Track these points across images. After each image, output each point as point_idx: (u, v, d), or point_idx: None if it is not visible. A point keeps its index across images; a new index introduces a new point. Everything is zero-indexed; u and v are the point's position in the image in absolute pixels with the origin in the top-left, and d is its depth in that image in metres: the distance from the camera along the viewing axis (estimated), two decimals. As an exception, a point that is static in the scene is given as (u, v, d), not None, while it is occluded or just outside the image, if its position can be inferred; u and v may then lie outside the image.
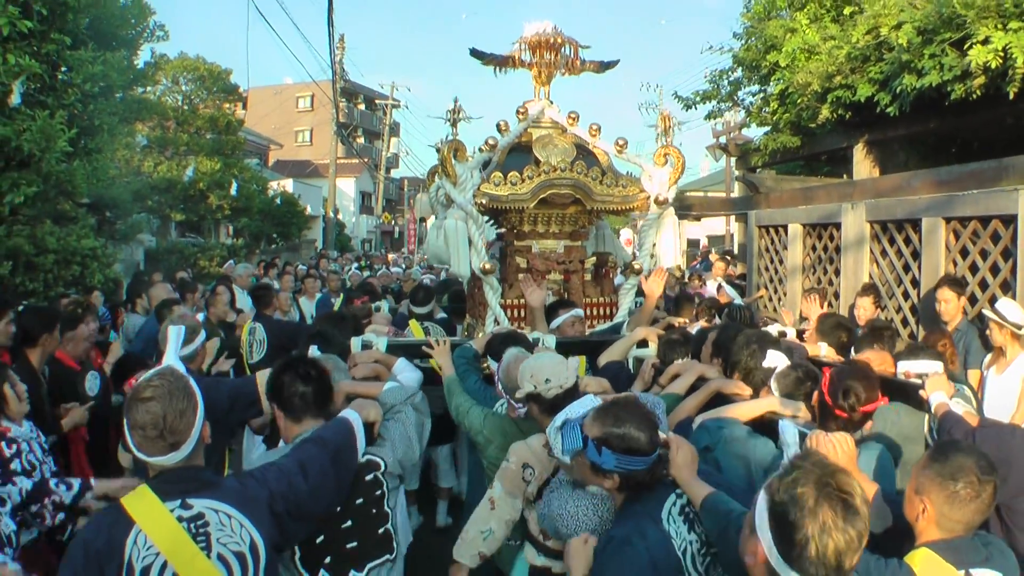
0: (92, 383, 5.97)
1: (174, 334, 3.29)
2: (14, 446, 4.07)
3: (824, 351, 5.17)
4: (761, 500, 2.01)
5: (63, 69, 9.14)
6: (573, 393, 3.52)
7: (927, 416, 3.90)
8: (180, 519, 2.54)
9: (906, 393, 4.12)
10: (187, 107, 24.87)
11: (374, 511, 3.42)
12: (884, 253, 8.37)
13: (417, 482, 7.15)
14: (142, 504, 2.56)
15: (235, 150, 25.82)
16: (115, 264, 10.97)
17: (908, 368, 4.27)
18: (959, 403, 3.99)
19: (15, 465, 4.01)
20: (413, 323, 7.39)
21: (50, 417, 5.21)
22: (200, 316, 7.34)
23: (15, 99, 8.02)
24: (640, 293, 6.48)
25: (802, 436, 3.27)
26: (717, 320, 6.76)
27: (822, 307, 7.72)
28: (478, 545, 3.53)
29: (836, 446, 2.92)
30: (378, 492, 3.45)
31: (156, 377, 2.67)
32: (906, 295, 7.97)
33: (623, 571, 2.57)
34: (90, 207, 11.79)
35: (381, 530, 3.47)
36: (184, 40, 62.66)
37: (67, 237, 9.23)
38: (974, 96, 7.83)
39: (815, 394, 3.48)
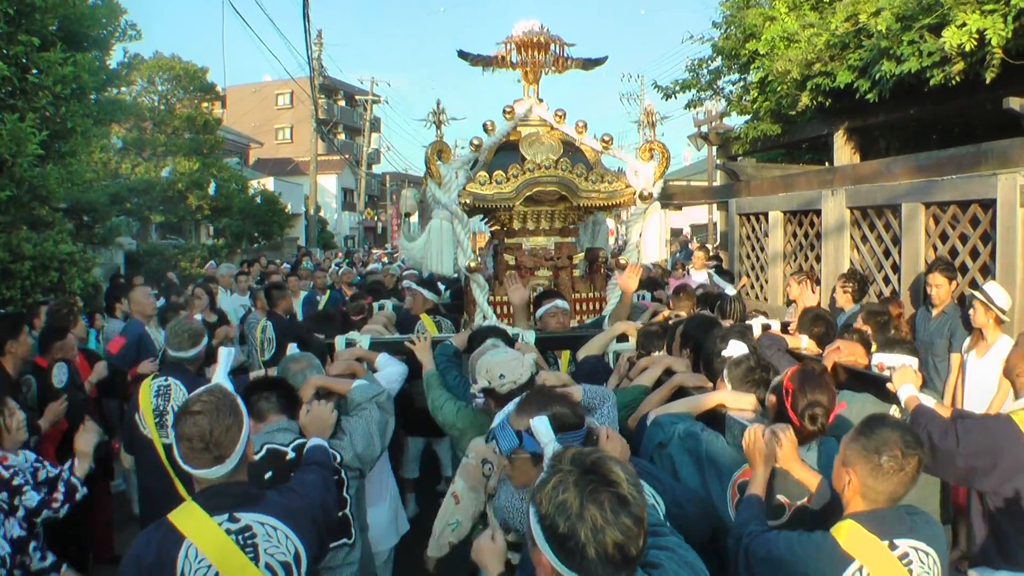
0: (59, 374, 5.84)
1: (224, 355, 3.35)
2: (10, 469, 4.09)
3: (805, 343, 5.18)
4: (531, 514, 1.94)
5: (33, 72, 8.98)
6: (528, 389, 3.51)
7: (894, 408, 3.89)
8: (229, 532, 2.67)
9: (875, 385, 4.15)
10: (164, 107, 24.69)
11: None
12: (864, 239, 8.39)
13: (417, 471, 7.42)
14: (191, 519, 2.68)
15: (214, 149, 25.68)
16: (94, 269, 10.81)
17: (882, 361, 4.27)
18: (929, 395, 3.99)
19: (18, 481, 4.07)
20: (424, 316, 7.42)
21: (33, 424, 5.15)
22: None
23: None
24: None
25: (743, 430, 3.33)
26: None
27: (813, 292, 7.71)
28: (447, 536, 3.64)
29: (776, 438, 3.09)
30: (335, 479, 3.54)
31: (206, 393, 2.81)
32: (887, 280, 7.99)
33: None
34: (67, 212, 11.66)
35: (339, 515, 3.61)
36: (159, 40, 62.42)
37: (44, 243, 9.10)
38: (953, 82, 7.83)
39: (772, 398, 3.44)
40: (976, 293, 5.97)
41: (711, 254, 13.01)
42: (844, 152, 11.27)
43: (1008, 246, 6.45)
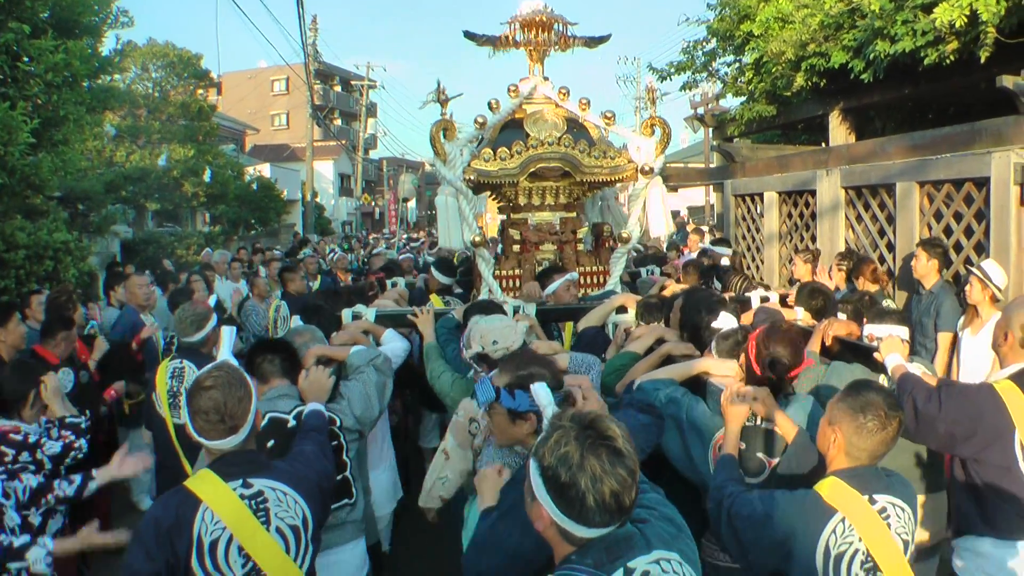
0: (64, 379, 5.86)
1: (227, 334, 3.64)
2: (12, 450, 4.13)
3: (800, 315, 5.23)
4: (533, 468, 2.11)
5: (24, 60, 8.94)
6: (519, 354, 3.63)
7: (882, 377, 3.95)
8: (243, 496, 2.83)
9: (863, 354, 4.24)
10: (158, 94, 24.62)
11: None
12: (859, 218, 8.39)
13: (437, 440, 7.34)
14: (207, 485, 2.84)
15: (209, 136, 25.61)
16: (90, 257, 10.81)
17: (872, 331, 4.38)
18: (916, 364, 4.07)
19: (34, 438, 4.20)
20: (434, 297, 7.55)
21: None
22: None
23: None
24: (634, 263, 6.42)
25: None
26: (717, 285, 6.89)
27: (813, 270, 7.71)
28: (438, 490, 3.80)
29: (750, 396, 3.33)
30: (334, 443, 3.72)
31: (215, 369, 2.97)
32: (882, 259, 7.98)
33: (515, 503, 2.64)
34: (61, 200, 11.64)
35: (339, 477, 3.75)
36: (152, 27, 62.04)
37: (38, 232, 9.10)
38: (947, 61, 7.78)
39: (742, 357, 3.65)
40: (974, 270, 5.97)
41: (714, 237, 12.96)
42: (839, 132, 11.24)
43: (1002, 224, 6.45)
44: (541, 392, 2.80)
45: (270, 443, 3.60)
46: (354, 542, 3.95)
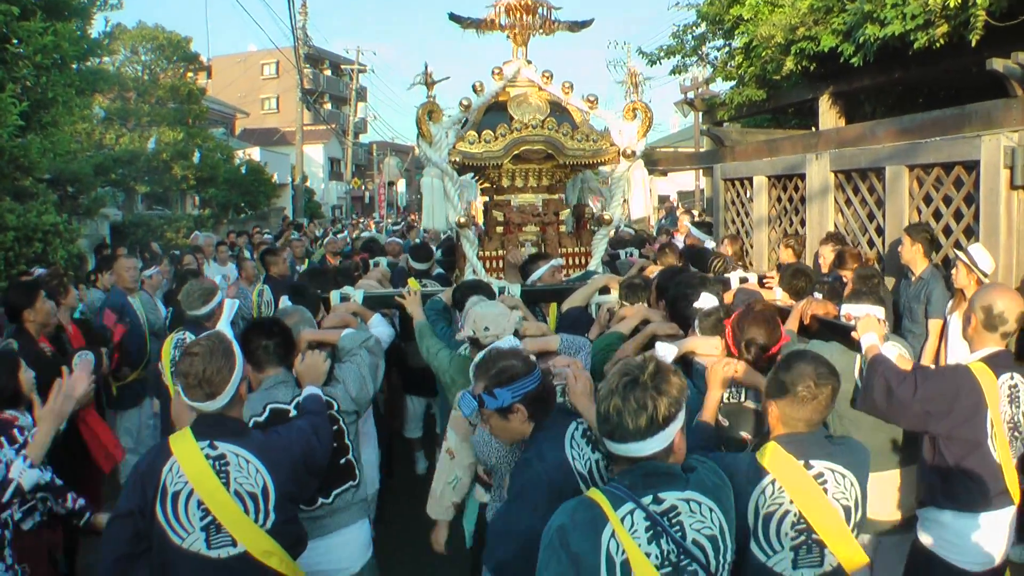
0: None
1: (228, 306, 3.81)
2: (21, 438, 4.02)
3: (779, 296, 5.29)
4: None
5: (14, 42, 8.91)
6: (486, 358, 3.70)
7: (859, 356, 4.07)
8: (208, 457, 3.04)
9: (841, 333, 4.34)
10: (147, 77, 24.48)
11: (335, 445, 3.74)
12: (848, 202, 8.41)
13: (420, 431, 7.76)
14: (181, 442, 3.07)
15: (198, 119, 25.51)
16: (79, 240, 10.78)
17: (849, 311, 4.45)
18: (893, 345, 4.19)
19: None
20: (411, 280, 7.60)
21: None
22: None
23: None
24: (614, 244, 6.48)
25: None
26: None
27: (798, 257, 7.75)
28: (448, 496, 3.96)
29: (730, 367, 3.55)
30: (335, 428, 3.83)
31: (205, 338, 3.21)
32: (871, 243, 8.02)
33: (522, 488, 2.98)
34: (51, 183, 11.60)
35: (343, 460, 3.94)
36: (141, 10, 61.54)
37: (27, 214, 9.07)
38: (938, 45, 7.80)
39: (720, 339, 3.87)
40: (960, 254, 6.01)
41: (696, 219, 13.02)
42: (829, 117, 11.26)
43: (991, 207, 6.47)
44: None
45: None
46: (360, 522, 4.06)
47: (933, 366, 5.61)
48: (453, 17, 6.71)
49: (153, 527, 2.99)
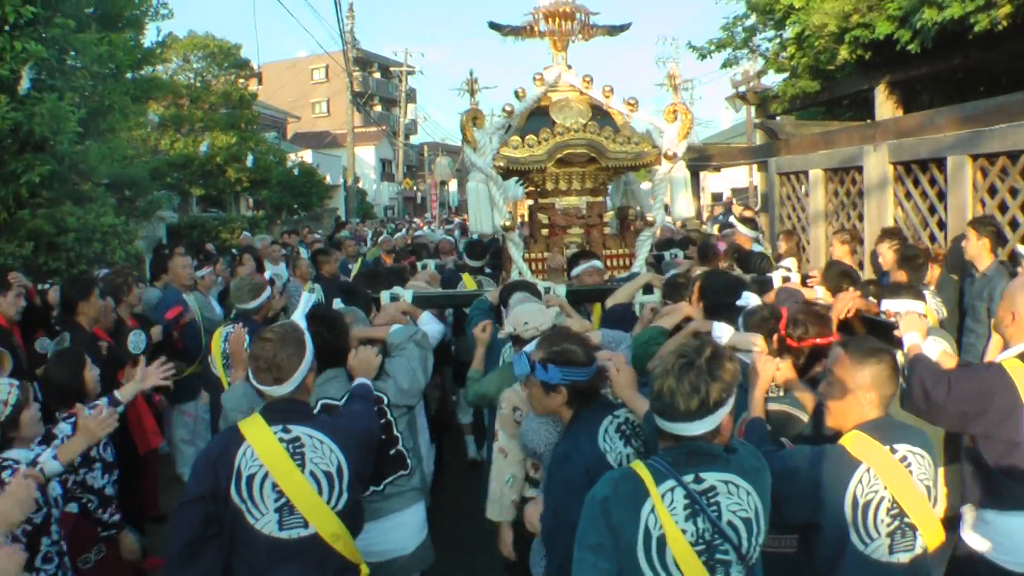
0: (137, 340, 6.03)
1: (305, 299, 4.02)
2: None
3: (820, 295, 5.21)
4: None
5: (71, 53, 9.15)
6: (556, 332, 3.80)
7: (899, 353, 3.95)
8: (281, 440, 3.13)
9: (882, 331, 4.25)
10: (199, 84, 24.87)
11: (383, 437, 3.97)
12: (908, 195, 8.21)
13: (470, 416, 7.99)
14: (253, 427, 3.16)
15: (250, 123, 25.83)
16: (136, 241, 11.01)
17: (890, 307, 4.40)
18: (936, 341, 4.13)
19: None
20: (466, 276, 7.96)
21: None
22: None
23: (24, 85, 8.06)
24: (658, 246, 7.09)
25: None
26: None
27: (850, 251, 7.57)
28: (507, 495, 4.03)
29: (772, 364, 3.51)
30: (383, 421, 4.02)
31: (279, 326, 3.36)
32: (932, 238, 7.80)
33: (566, 481, 3.10)
34: (109, 187, 11.82)
35: (392, 451, 4.09)
36: (192, 19, 62.67)
37: (87, 216, 9.32)
38: (1000, 27, 7.56)
39: (774, 336, 3.85)
40: (1022, 250, 5.81)
41: (742, 215, 12.79)
42: (886, 108, 11.04)
43: (1059, 197, 6.25)
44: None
45: None
46: (415, 506, 4.22)
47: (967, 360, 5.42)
48: (493, 26, 6.88)
49: (227, 509, 3.08)
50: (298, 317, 3.72)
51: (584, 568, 2.54)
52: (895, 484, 2.95)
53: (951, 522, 4.13)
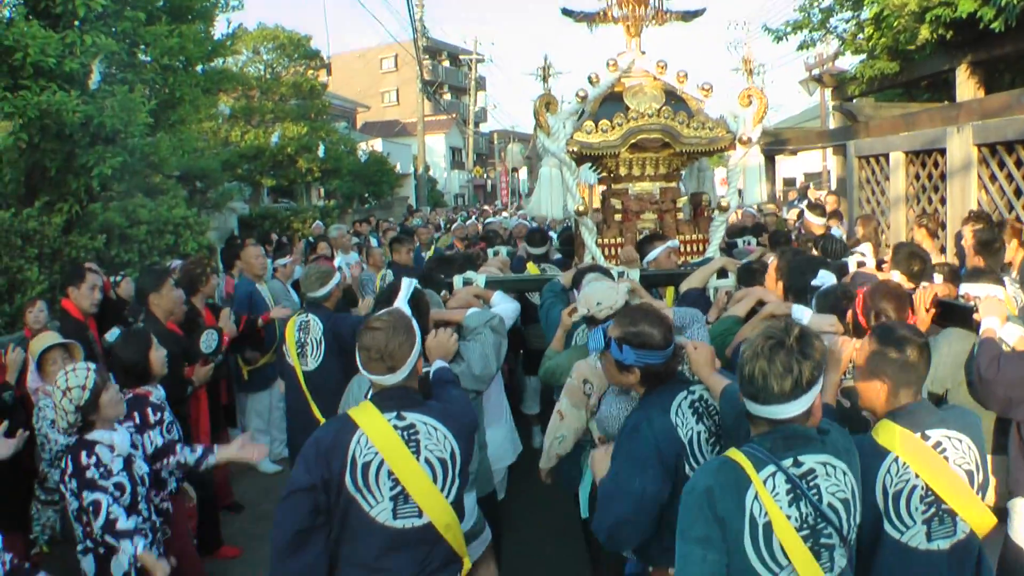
0: (208, 340, 6.07)
1: (405, 284, 4.11)
2: (159, 412, 4.61)
3: (896, 279, 5.03)
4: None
5: (141, 47, 9.25)
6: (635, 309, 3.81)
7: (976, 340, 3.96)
8: (396, 427, 3.09)
9: (961, 316, 4.22)
10: (269, 75, 25.14)
11: None
12: (993, 178, 7.91)
13: (538, 407, 7.97)
14: (365, 414, 3.11)
15: (321, 114, 26.08)
16: (208, 232, 11.16)
17: (968, 291, 4.34)
18: (1015, 326, 4.01)
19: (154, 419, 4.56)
20: (530, 264, 7.98)
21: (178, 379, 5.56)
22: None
23: (95, 79, 8.18)
24: (731, 233, 7.09)
25: None
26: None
27: (930, 238, 7.33)
28: (555, 449, 4.11)
29: (851, 345, 3.39)
30: None
31: (386, 314, 3.28)
32: (1019, 220, 7.48)
33: (632, 451, 3.12)
34: (180, 179, 12.06)
35: None
36: (262, 11, 63.63)
37: (159, 208, 9.47)
38: (1089, 3, 7.23)
39: (849, 312, 3.82)
40: None
41: (811, 202, 12.47)
42: (967, 88, 10.66)
43: None
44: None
45: None
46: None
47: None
48: (566, 12, 6.87)
49: (340, 499, 3.04)
50: (401, 303, 3.79)
51: (692, 563, 2.49)
52: (927, 471, 2.89)
53: (999, 514, 4.00)
